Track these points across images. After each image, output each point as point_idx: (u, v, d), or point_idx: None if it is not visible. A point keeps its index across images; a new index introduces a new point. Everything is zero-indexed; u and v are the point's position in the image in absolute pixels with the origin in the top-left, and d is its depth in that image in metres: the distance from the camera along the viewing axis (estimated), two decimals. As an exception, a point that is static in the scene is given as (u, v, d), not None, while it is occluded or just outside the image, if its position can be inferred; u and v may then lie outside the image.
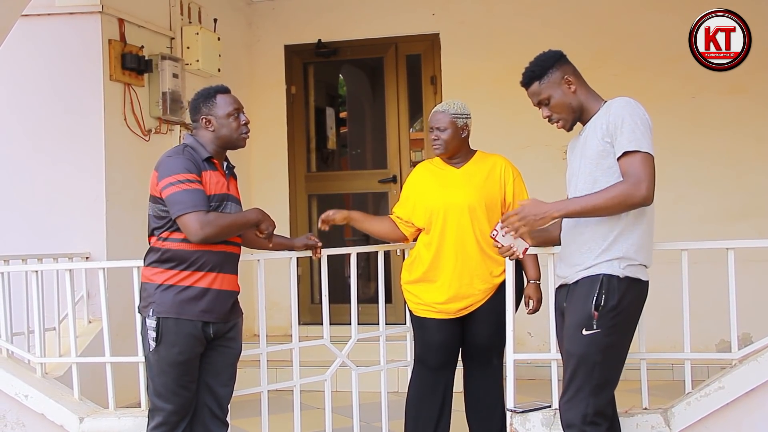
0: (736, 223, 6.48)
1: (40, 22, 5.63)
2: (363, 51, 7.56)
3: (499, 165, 4.07)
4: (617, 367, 3.16)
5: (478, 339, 4.04)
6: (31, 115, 5.71)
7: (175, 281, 3.37)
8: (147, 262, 3.46)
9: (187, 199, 3.31)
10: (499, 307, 3.87)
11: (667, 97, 6.65)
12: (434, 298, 4.01)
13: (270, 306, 4.56)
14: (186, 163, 3.38)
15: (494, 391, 4.09)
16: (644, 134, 3.05)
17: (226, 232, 3.40)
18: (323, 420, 4.24)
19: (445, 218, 3.98)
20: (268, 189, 7.47)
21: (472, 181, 4.01)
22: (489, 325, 4.00)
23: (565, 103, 3.21)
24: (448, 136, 3.99)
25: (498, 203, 4.01)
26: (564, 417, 3.16)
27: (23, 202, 5.68)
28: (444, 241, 3.99)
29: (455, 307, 4.00)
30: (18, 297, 4.68)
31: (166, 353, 3.37)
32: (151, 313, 3.38)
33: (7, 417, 4.27)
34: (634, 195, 3.01)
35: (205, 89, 3.61)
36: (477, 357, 4.08)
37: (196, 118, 3.55)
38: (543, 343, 5.74)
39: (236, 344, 3.56)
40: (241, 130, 3.55)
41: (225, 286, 3.46)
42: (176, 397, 3.40)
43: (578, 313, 3.12)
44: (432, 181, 4.10)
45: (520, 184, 4.07)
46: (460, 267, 3.97)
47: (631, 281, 3.10)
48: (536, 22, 6.78)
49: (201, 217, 3.30)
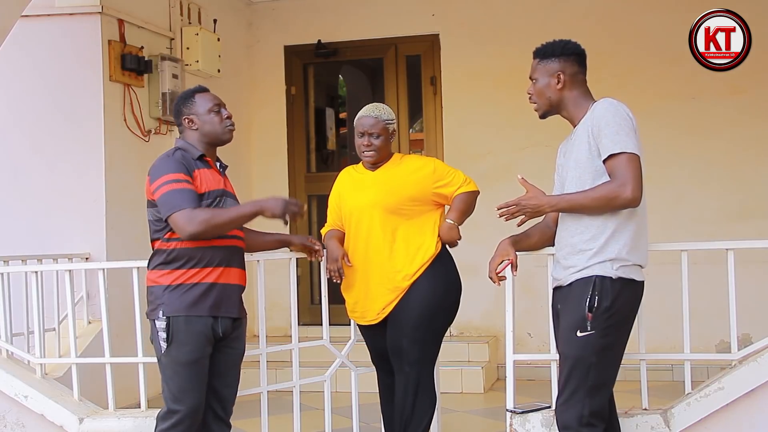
0: (736, 223, 6.48)
1: (39, 22, 5.63)
2: (363, 52, 7.57)
3: (413, 164, 4.00)
4: (613, 367, 3.16)
5: (390, 343, 3.91)
6: (31, 115, 5.71)
7: (183, 280, 3.37)
8: (152, 265, 3.45)
9: (174, 199, 3.32)
10: (410, 311, 3.82)
11: (667, 97, 6.65)
12: (353, 302, 4.00)
13: (270, 306, 4.54)
14: (175, 164, 3.39)
15: (406, 402, 3.84)
16: (628, 135, 3.06)
17: (218, 227, 3.36)
18: (323, 420, 4.24)
19: (356, 221, 3.95)
20: (268, 189, 7.44)
21: (386, 182, 3.93)
22: (398, 329, 3.86)
23: (545, 93, 3.26)
24: (381, 142, 3.93)
25: (426, 199, 3.91)
26: (560, 419, 3.16)
27: (23, 203, 5.68)
28: (357, 245, 3.95)
29: (371, 311, 3.93)
30: (18, 298, 4.68)
31: (178, 353, 3.36)
32: (161, 315, 3.36)
33: (6, 417, 4.27)
34: (620, 196, 3.04)
35: (184, 92, 3.66)
36: (394, 362, 3.92)
37: (179, 121, 3.57)
38: (542, 343, 5.75)
39: (240, 344, 3.56)
40: (224, 123, 3.56)
41: (232, 280, 3.46)
42: (190, 398, 3.39)
43: (572, 314, 3.13)
44: (349, 185, 4.07)
45: (441, 167, 3.99)
46: (369, 271, 3.90)
47: (625, 282, 3.11)
48: (536, 23, 6.78)
49: (188, 213, 3.29)
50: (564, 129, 3.41)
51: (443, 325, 3.95)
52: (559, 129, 3.49)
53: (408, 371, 3.84)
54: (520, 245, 3.50)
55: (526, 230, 3.55)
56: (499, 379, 6.54)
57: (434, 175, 3.92)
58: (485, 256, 3.57)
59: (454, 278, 3.97)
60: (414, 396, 3.83)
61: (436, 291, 3.86)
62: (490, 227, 4.13)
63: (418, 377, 3.83)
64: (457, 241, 3.96)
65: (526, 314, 5.33)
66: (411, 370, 3.83)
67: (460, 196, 3.92)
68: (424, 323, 3.83)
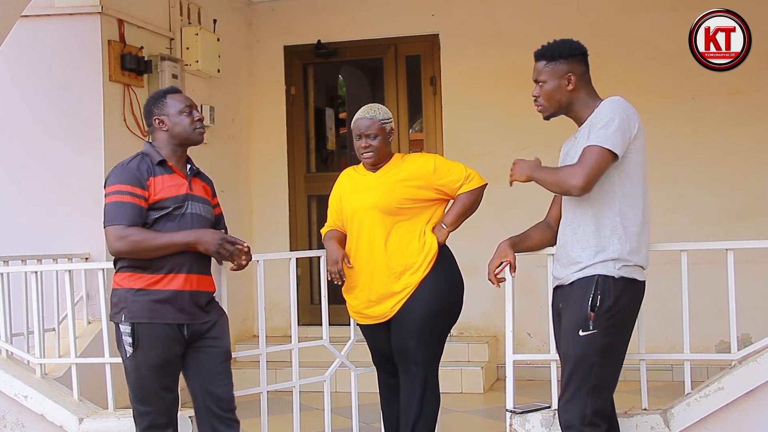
0: (736, 223, 6.48)
1: (39, 22, 5.62)
2: (362, 52, 7.57)
3: (414, 162, 4.00)
4: (615, 367, 3.16)
5: (395, 344, 3.91)
6: (31, 115, 5.70)
7: (146, 284, 3.36)
8: (117, 267, 3.44)
9: (113, 212, 3.33)
10: (416, 312, 3.82)
11: (667, 97, 6.65)
12: (356, 304, 3.99)
13: (269, 307, 4.55)
14: (127, 174, 3.38)
15: (412, 403, 3.84)
16: (615, 132, 3.06)
17: (146, 251, 3.32)
18: (322, 420, 4.24)
19: (357, 223, 3.94)
20: (268, 189, 7.48)
21: (386, 184, 3.92)
22: (404, 330, 3.86)
23: (555, 96, 3.24)
24: (379, 143, 3.92)
25: (428, 198, 3.90)
26: (563, 418, 3.16)
27: (23, 203, 5.68)
28: (359, 247, 3.94)
29: (374, 312, 3.92)
30: (17, 298, 4.68)
31: (144, 357, 3.36)
32: (123, 319, 3.36)
33: (6, 417, 4.27)
34: (568, 182, 3.09)
35: (155, 92, 3.64)
36: (399, 362, 3.92)
37: (150, 122, 3.56)
38: (542, 343, 5.74)
39: (222, 342, 3.51)
40: (195, 125, 3.53)
41: (197, 287, 3.44)
42: (159, 399, 3.40)
43: (574, 314, 3.12)
44: (349, 186, 4.06)
45: (443, 164, 3.97)
46: (373, 272, 3.90)
47: (627, 282, 3.11)
48: (536, 23, 6.78)
49: (119, 230, 3.30)
50: (564, 129, 3.41)
51: (448, 324, 3.95)
52: (560, 129, 3.49)
53: (415, 372, 3.83)
54: (519, 246, 3.50)
55: (525, 231, 3.55)
56: (498, 379, 6.53)
57: (435, 174, 3.91)
58: (485, 256, 3.57)
59: (457, 277, 3.96)
60: (422, 396, 3.83)
61: (440, 291, 3.86)
62: (490, 227, 4.16)
63: (425, 378, 3.83)
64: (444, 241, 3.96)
65: (526, 314, 5.34)
66: (418, 370, 3.83)
67: (461, 197, 3.90)
68: (430, 323, 3.83)
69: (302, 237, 7.46)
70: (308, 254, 5.94)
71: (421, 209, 3.91)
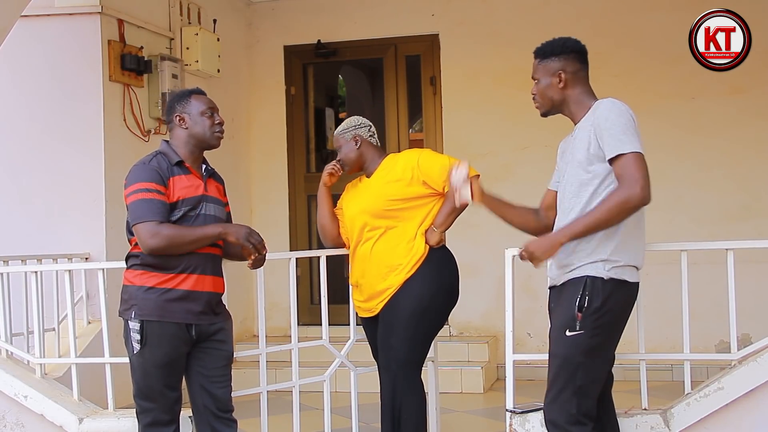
0: (736, 223, 6.48)
1: (39, 22, 5.63)
2: (362, 52, 7.57)
3: (402, 159, 4.02)
4: (602, 368, 3.16)
5: (378, 341, 3.97)
6: (31, 115, 5.71)
7: (157, 283, 3.36)
8: (129, 264, 3.45)
9: (142, 209, 3.31)
10: (400, 310, 3.85)
11: (667, 97, 6.65)
12: (357, 296, 4.11)
13: (269, 306, 4.55)
14: (150, 172, 3.38)
15: (393, 401, 3.84)
16: (633, 135, 3.04)
17: (181, 246, 3.34)
18: (322, 420, 4.24)
19: (354, 228, 4.03)
20: (268, 189, 7.48)
21: (373, 188, 4.01)
22: (387, 327, 3.90)
23: (547, 94, 3.25)
24: (344, 153, 4.08)
25: (419, 194, 3.90)
26: (548, 417, 3.16)
27: (23, 203, 5.68)
28: (359, 249, 4.02)
29: (368, 306, 4.01)
30: (17, 298, 4.68)
31: (151, 355, 3.37)
32: (133, 316, 3.36)
33: (6, 417, 4.26)
34: (632, 197, 2.98)
35: (181, 90, 3.67)
36: (381, 360, 3.96)
37: (170, 118, 3.56)
38: (542, 343, 5.72)
39: (226, 346, 3.54)
40: (214, 128, 3.53)
41: (207, 288, 3.45)
42: (163, 397, 3.41)
43: (563, 314, 3.13)
44: (348, 195, 4.18)
45: (428, 156, 3.98)
46: (364, 271, 3.99)
47: (617, 283, 3.09)
48: (536, 23, 6.78)
49: (152, 227, 3.29)
50: (564, 129, 3.41)
51: (433, 326, 3.97)
52: (559, 128, 3.49)
53: (395, 371, 3.85)
54: (497, 201, 3.41)
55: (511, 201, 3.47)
56: (498, 379, 6.53)
57: (419, 167, 3.91)
58: (485, 256, 3.59)
59: (447, 281, 3.95)
60: (402, 397, 3.84)
61: (424, 293, 3.87)
62: (490, 227, 4.13)
63: (404, 378, 3.84)
64: (443, 242, 3.97)
65: (526, 314, 5.33)
66: (398, 370, 3.85)
67: (449, 194, 3.80)
68: (412, 323, 3.85)
69: (302, 237, 7.46)
70: (308, 254, 5.96)
71: (414, 209, 3.91)
